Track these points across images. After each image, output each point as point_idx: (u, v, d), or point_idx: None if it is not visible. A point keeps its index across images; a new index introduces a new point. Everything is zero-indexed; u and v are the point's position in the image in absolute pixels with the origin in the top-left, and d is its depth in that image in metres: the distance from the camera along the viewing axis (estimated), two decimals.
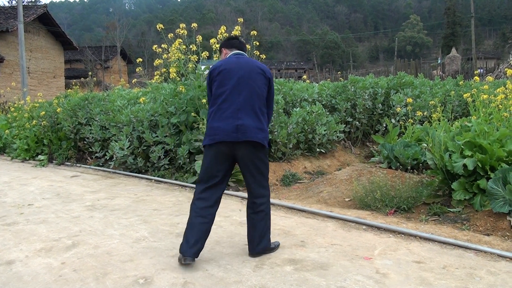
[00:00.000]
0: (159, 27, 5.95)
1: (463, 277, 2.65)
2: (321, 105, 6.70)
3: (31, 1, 37.72)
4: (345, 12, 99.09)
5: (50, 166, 7.93)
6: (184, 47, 5.85)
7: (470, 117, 5.12)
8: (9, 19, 21.25)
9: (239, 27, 5.53)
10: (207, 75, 3.09)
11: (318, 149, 6.49)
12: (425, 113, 6.23)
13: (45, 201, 4.98)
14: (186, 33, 5.80)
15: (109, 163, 6.94)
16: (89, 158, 7.83)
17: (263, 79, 3.03)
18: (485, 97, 4.67)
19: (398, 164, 5.46)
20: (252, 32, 6.02)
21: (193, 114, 5.62)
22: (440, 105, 5.68)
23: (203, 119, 5.43)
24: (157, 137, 6.09)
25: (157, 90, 6.68)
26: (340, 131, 6.74)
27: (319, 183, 5.29)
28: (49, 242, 3.44)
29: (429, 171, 4.62)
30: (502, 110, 4.43)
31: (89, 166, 7.45)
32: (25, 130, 9.06)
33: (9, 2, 43.49)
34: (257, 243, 2.98)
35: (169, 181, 5.82)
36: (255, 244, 2.98)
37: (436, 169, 4.31)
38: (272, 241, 3.11)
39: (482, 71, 19.80)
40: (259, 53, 6.23)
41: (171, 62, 5.95)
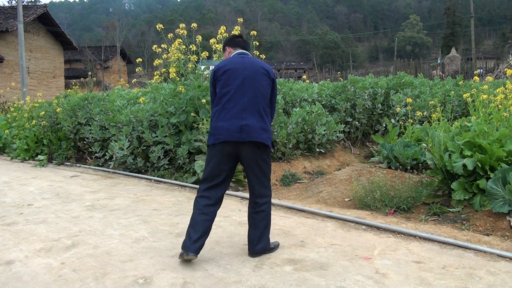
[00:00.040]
0: (159, 27, 5.96)
1: (462, 277, 2.65)
2: (321, 105, 6.71)
3: (31, 1, 37.68)
4: (345, 12, 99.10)
5: (49, 166, 7.92)
6: (183, 47, 5.85)
7: (469, 117, 5.12)
8: (9, 19, 21.25)
9: (239, 27, 5.53)
10: (211, 74, 3.09)
11: (317, 149, 6.49)
12: (425, 113, 6.23)
13: (45, 201, 4.98)
14: (185, 33, 5.80)
15: (109, 163, 6.94)
16: (88, 158, 7.83)
17: (267, 80, 3.04)
18: (485, 97, 4.67)
19: (397, 164, 5.46)
20: (252, 32, 6.02)
21: (192, 114, 5.62)
22: (439, 105, 5.69)
23: (203, 119, 5.44)
24: (157, 137, 6.09)
25: (157, 90, 6.69)
26: (339, 131, 6.74)
27: (319, 183, 5.30)
28: (49, 242, 3.44)
29: (429, 171, 4.62)
30: (501, 110, 4.44)
31: (88, 166, 7.45)
32: (25, 130, 9.06)
33: (9, 2, 43.49)
34: (257, 243, 2.98)
35: (168, 181, 5.83)
36: (254, 243, 2.98)
37: (435, 169, 4.32)
38: (271, 241, 3.12)
39: (481, 71, 19.81)
40: (258, 53, 6.23)
41: (171, 62, 5.96)
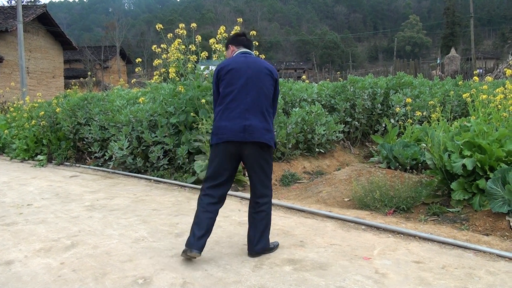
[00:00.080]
0: (159, 27, 5.96)
1: (462, 277, 2.65)
2: (320, 105, 6.71)
3: (31, 1, 37.69)
4: (345, 12, 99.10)
5: (49, 166, 7.92)
6: (183, 47, 5.85)
7: (469, 117, 5.13)
8: (9, 19, 21.23)
9: (239, 27, 5.54)
10: (214, 73, 3.09)
11: (317, 149, 6.49)
12: (424, 113, 6.24)
13: (44, 201, 4.97)
14: (185, 33, 5.80)
15: (108, 163, 6.94)
16: (88, 158, 7.83)
17: (270, 80, 3.05)
18: (484, 97, 4.68)
19: (397, 164, 5.47)
20: (251, 32, 6.01)
21: (192, 114, 5.62)
22: (439, 105, 5.69)
23: (202, 119, 5.44)
24: (156, 137, 6.09)
25: (156, 90, 6.69)
26: (339, 131, 6.74)
27: (318, 183, 5.30)
28: (48, 242, 3.44)
29: (428, 171, 4.62)
30: (501, 110, 4.44)
31: (88, 166, 7.45)
32: (24, 130, 9.06)
33: (8, 2, 43.50)
34: (256, 243, 2.98)
35: (168, 181, 5.82)
36: (254, 243, 2.99)
37: (435, 169, 4.32)
38: (271, 241, 3.12)
39: (481, 71, 19.81)
40: (258, 53, 6.21)
41: (170, 62, 5.96)
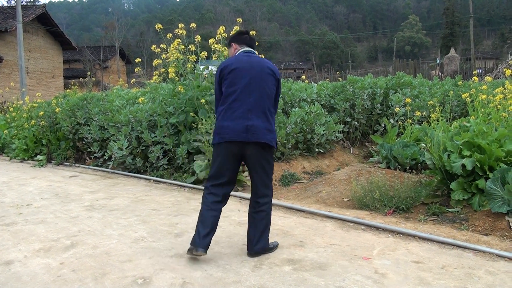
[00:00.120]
0: (158, 27, 5.96)
1: (461, 277, 2.66)
2: (320, 105, 6.70)
3: (30, 1, 37.67)
4: (344, 12, 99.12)
5: (48, 166, 7.91)
6: (182, 47, 5.85)
7: (468, 117, 5.13)
8: (8, 19, 21.22)
9: (238, 27, 5.53)
10: (217, 72, 3.08)
11: (316, 149, 6.49)
12: (424, 113, 6.24)
13: (44, 201, 4.97)
14: (185, 33, 5.80)
15: (108, 163, 6.94)
16: (87, 158, 7.82)
17: (273, 80, 3.05)
18: (484, 97, 4.68)
19: (396, 164, 5.47)
20: (251, 32, 6.01)
21: (192, 114, 5.62)
22: (438, 105, 5.69)
23: (202, 119, 5.44)
24: (156, 137, 6.09)
25: (156, 90, 6.68)
26: (338, 131, 6.74)
27: (318, 183, 5.30)
28: (48, 242, 3.44)
29: (428, 171, 4.62)
30: (500, 110, 4.44)
31: (87, 166, 7.44)
32: (24, 130, 9.05)
33: (8, 2, 43.47)
34: (256, 243, 2.99)
35: (168, 181, 5.82)
36: (254, 243, 2.99)
37: (434, 169, 4.32)
38: (270, 241, 3.13)
39: (480, 71, 19.82)
40: (258, 53, 6.22)
41: (170, 62, 5.96)
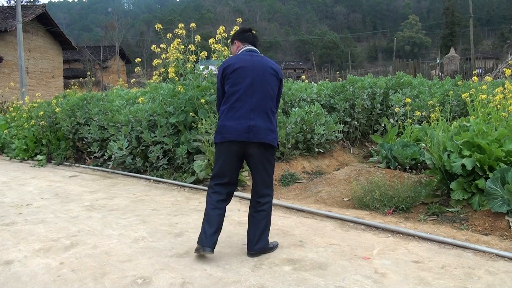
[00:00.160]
0: (158, 27, 5.96)
1: (461, 277, 2.66)
2: (320, 105, 6.70)
3: (30, 1, 37.65)
4: (344, 12, 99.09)
5: (48, 166, 7.91)
6: (182, 47, 5.85)
7: (468, 117, 5.13)
8: (8, 19, 21.21)
9: (238, 27, 5.53)
10: (219, 71, 3.08)
11: (316, 149, 6.49)
12: (424, 113, 6.24)
13: (44, 201, 4.97)
14: (184, 33, 5.80)
15: (108, 163, 6.93)
16: (87, 158, 7.82)
17: (275, 80, 3.05)
18: (484, 97, 4.68)
19: (396, 164, 5.47)
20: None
21: (191, 114, 5.62)
22: (438, 105, 5.69)
23: (202, 119, 5.44)
24: (156, 137, 6.09)
25: (156, 90, 6.68)
26: (338, 131, 6.74)
27: (318, 183, 5.30)
28: (48, 242, 3.44)
29: (428, 171, 4.62)
30: (500, 110, 4.44)
31: (87, 166, 7.44)
32: (24, 130, 9.05)
33: (7, 2, 43.46)
34: (256, 242, 2.99)
35: (167, 181, 5.82)
36: (254, 243, 2.99)
37: (434, 169, 4.32)
38: (270, 241, 3.13)
39: (480, 71, 19.82)
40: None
41: (170, 62, 5.96)
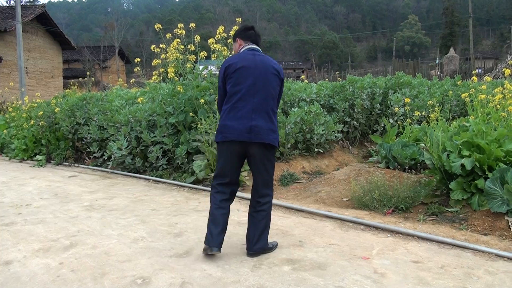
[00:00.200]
0: (157, 27, 5.96)
1: (461, 277, 2.66)
2: (319, 105, 6.71)
3: (29, 1, 37.63)
4: (344, 12, 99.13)
5: (48, 166, 7.91)
6: (182, 47, 5.85)
7: (468, 117, 5.13)
8: (7, 19, 21.20)
9: (238, 27, 5.53)
10: (221, 69, 3.07)
11: (316, 149, 6.49)
12: (423, 113, 6.24)
13: (43, 201, 4.97)
14: (184, 33, 5.80)
15: (107, 163, 6.93)
16: (87, 158, 7.82)
17: (277, 81, 3.06)
18: (483, 97, 4.68)
19: (396, 164, 5.47)
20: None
21: (191, 114, 5.62)
22: (438, 105, 5.69)
23: (201, 119, 5.44)
24: (155, 137, 6.09)
25: (155, 90, 6.68)
26: (338, 131, 6.74)
27: (317, 183, 5.30)
28: (47, 242, 3.44)
29: (427, 171, 4.62)
30: (500, 110, 4.44)
31: (87, 166, 7.44)
32: (23, 130, 9.05)
33: (7, 2, 43.45)
34: (256, 242, 2.99)
35: (167, 181, 5.82)
36: (253, 243, 2.99)
37: (434, 169, 4.32)
38: (270, 241, 3.13)
39: (480, 71, 19.84)
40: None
41: (169, 62, 5.96)
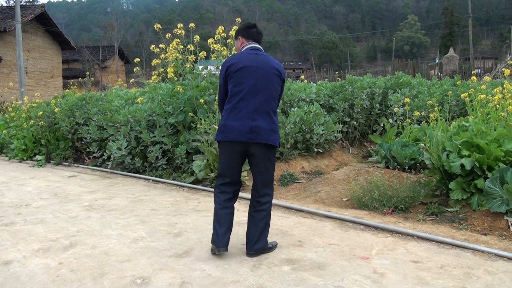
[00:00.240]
0: (157, 27, 5.96)
1: (460, 277, 2.66)
2: (319, 105, 6.70)
3: (29, 1, 37.63)
4: (343, 12, 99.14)
5: (47, 166, 7.91)
6: (181, 47, 5.85)
7: (467, 117, 5.13)
8: (7, 19, 21.19)
9: (237, 28, 5.53)
10: (222, 68, 3.06)
11: (315, 149, 6.49)
12: (423, 113, 6.25)
13: (43, 201, 4.97)
14: (183, 33, 5.80)
15: (107, 163, 6.93)
16: (86, 158, 7.82)
17: (278, 81, 3.05)
18: (483, 97, 4.68)
19: (395, 164, 5.47)
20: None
21: (190, 114, 5.62)
22: (437, 105, 5.69)
23: (201, 119, 5.44)
24: (155, 137, 6.09)
25: (155, 90, 6.68)
26: (337, 131, 6.75)
27: (317, 183, 5.30)
28: (47, 242, 3.43)
29: (427, 171, 4.62)
30: (499, 110, 4.44)
31: (86, 166, 7.44)
32: (23, 130, 9.05)
33: (6, 2, 43.42)
34: (255, 242, 2.99)
35: (166, 181, 5.82)
36: (253, 243, 2.99)
37: (433, 168, 4.32)
38: (269, 241, 3.13)
39: (479, 71, 19.83)
40: None
41: (169, 62, 5.95)
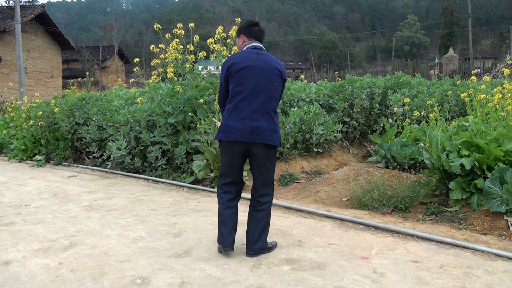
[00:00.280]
0: (157, 27, 5.96)
1: (460, 277, 2.66)
2: (319, 105, 6.70)
3: (29, 1, 37.63)
4: (343, 12, 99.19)
5: (47, 166, 7.91)
6: (181, 47, 5.85)
7: (467, 117, 5.13)
8: (7, 19, 21.19)
9: (237, 27, 5.53)
10: (224, 67, 3.04)
11: (315, 149, 6.49)
12: (423, 113, 6.25)
13: (43, 201, 4.97)
14: (183, 33, 5.80)
15: (107, 163, 6.93)
16: (86, 158, 7.82)
17: (279, 81, 3.05)
18: (482, 96, 4.68)
19: (395, 163, 5.47)
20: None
21: (190, 114, 5.62)
22: (437, 104, 5.70)
23: (201, 119, 5.44)
24: (155, 137, 6.09)
25: (155, 90, 6.68)
26: (337, 131, 6.74)
27: (317, 183, 5.30)
28: (47, 242, 3.43)
29: (426, 171, 4.62)
30: (499, 109, 4.44)
31: (86, 166, 7.44)
32: (23, 130, 9.04)
33: (6, 2, 43.41)
34: (255, 242, 2.99)
35: (166, 181, 5.82)
36: (253, 243, 2.99)
37: (433, 168, 4.32)
38: (269, 241, 3.13)
39: (479, 71, 19.85)
40: None
41: (169, 62, 5.95)
